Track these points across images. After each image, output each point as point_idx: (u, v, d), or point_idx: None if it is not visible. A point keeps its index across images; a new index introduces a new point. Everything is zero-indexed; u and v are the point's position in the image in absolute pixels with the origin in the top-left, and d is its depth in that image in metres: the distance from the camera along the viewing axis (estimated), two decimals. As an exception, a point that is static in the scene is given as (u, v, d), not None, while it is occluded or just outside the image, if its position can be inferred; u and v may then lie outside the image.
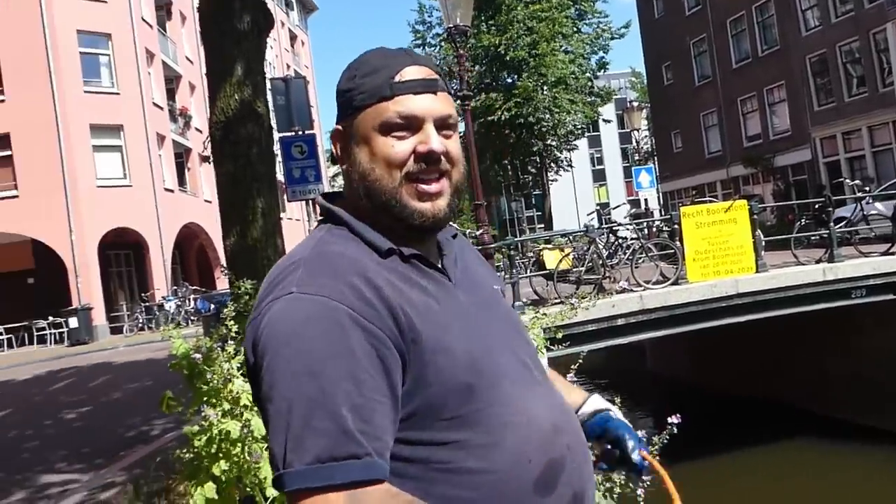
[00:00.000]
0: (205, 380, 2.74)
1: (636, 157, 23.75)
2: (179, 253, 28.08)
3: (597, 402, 1.33)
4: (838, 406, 11.20)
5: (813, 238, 11.47)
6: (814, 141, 25.70)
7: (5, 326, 21.89)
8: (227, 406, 2.77)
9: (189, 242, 28.73)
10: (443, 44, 28.06)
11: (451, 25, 9.42)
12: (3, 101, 22.32)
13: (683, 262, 9.51)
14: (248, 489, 2.79)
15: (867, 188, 12.93)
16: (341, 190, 1.19)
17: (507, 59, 28.64)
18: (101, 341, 20.64)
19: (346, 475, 0.93)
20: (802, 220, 11.57)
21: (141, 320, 21.29)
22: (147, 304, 22.44)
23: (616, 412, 1.31)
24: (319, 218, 1.18)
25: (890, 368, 10.49)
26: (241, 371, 2.89)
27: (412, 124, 1.08)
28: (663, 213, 25.72)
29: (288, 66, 44.52)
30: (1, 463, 6.36)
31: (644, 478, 1.26)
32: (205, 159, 5.36)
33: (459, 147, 1.13)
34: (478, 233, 9.66)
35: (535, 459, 1.05)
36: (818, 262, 10.22)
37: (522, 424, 1.06)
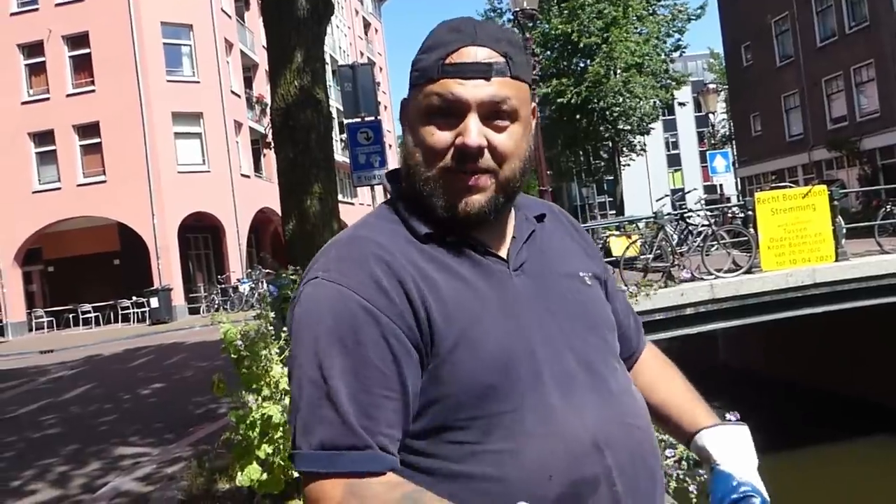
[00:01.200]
0: (247, 365, 2.81)
1: (712, 142, 23.01)
2: (255, 237, 28.92)
3: (709, 438, 1.09)
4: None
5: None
6: (905, 123, 24.32)
7: (93, 305, 23.15)
8: (267, 391, 2.83)
9: (264, 227, 29.54)
10: (514, 30, 27.80)
11: (517, 10, 9.33)
12: (93, 91, 23.43)
13: (757, 249, 9.18)
14: (292, 473, 2.85)
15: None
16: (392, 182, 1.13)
17: (580, 45, 28.17)
18: (180, 321, 21.52)
19: (347, 465, 0.92)
20: (888, 207, 10.98)
21: (217, 301, 22.06)
22: (223, 285, 23.22)
23: (729, 457, 1.06)
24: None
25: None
26: (280, 357, 2.95)
27: (456, 111, 0.99)
28: (740, 198, 24.87)
29: (361, 54, 45.02)
30: (80, 433, 6.74)
31: None
32: (268, 145, 5.47)
33: (519, 139, 1.02)
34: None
35: (559, 477, 0.95)
36: (903, 251, 9.71)
37: (551, 435, 0.96)
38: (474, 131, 0.98)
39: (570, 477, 0.95)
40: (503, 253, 1.06)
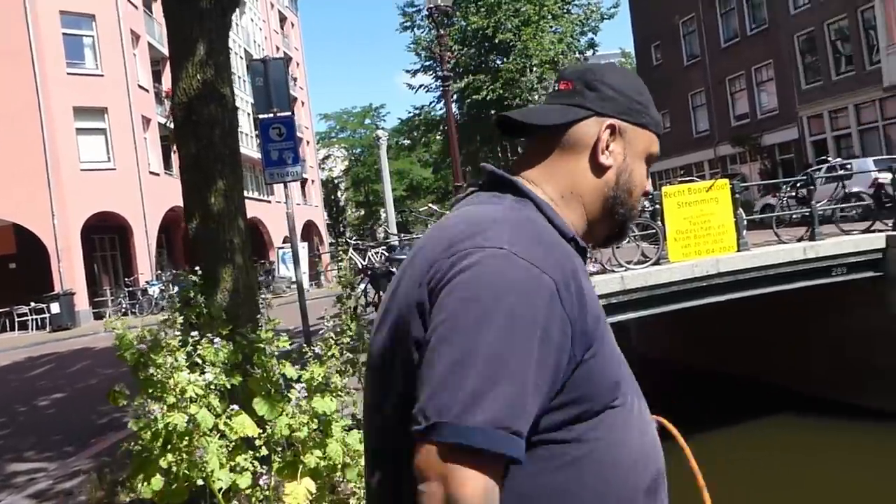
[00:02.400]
0: (148, 372, 2.67)
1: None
2: (166, 237, 27.91)
3: None
4: (820, 384, 11.24)
5: (794, 217, 11.46)
6: (801, 119, 25.66)
7: (-13, 312, 21.73)
8: (172, 399, 2.70)
9: (176, 226, 28.54)
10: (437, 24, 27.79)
11: (431, 6, 9.30)
12: (-18, 83, 22.03)
13: (665, 241, 9.49)
14: (197, 482, 2.74)
15: (848, 166, 12.91)
16: (512, 178, 1.13)
17: (496, 41, 28.45)
18: (84, 326, 20.52)
19: (510, 448, 0.90)
20: (784, 199, 11.55)
21: (124, 305, 21.16)
22: (131, 288, 22.30)
23: None
24: (474, 187, 1.17)
25: (871, 346, 10.53)
26: (187, 363, 2.83)
27: (650, 164, 1.21)
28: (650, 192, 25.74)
29: (277, 48, 44.11)
30: (-31, 451, 6.31)
31: None
32: (166, 140, 5.23)
33: None
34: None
35: (650, 466, 1.07)
36: (799, 240, 10.23)
37: (644, 431, 1.08)
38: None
39: (655, 466, 1.08)
40: None
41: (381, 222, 45.44)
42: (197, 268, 3.82)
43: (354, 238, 22.55)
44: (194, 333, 3.39)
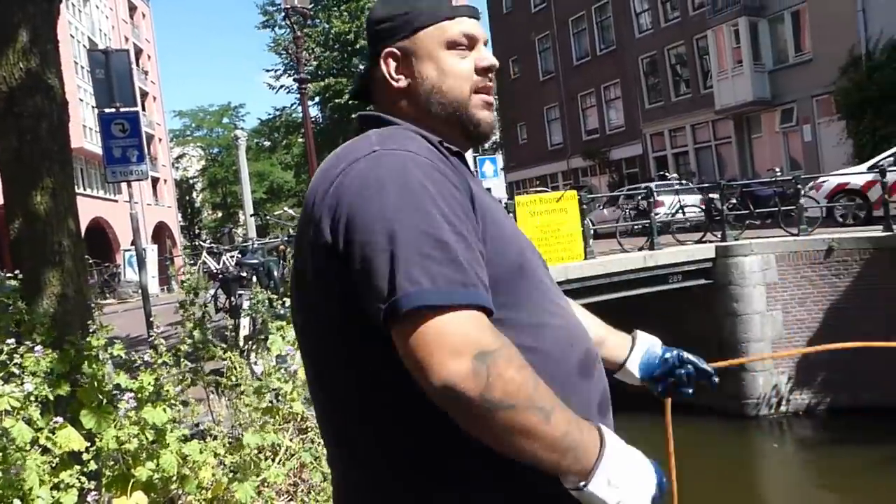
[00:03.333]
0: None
1: (483, 148, 24.28)
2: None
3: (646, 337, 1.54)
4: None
5: (636, 227, 12.23)
6: (644, 136, 27.44)
7: None
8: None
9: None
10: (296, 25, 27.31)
11: (288, 7, 9.13)
12: None
13: (517, 249, 9.82)
14: (13, 502, 2.52)
15: (683, 182, 13.95)
16: (377, 114, 1.20)
17: (358, 46, 28.39)
18: None
19: (464, 298, 0.92)
20: (627, 211, 12.30)
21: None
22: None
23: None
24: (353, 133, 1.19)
25: (702, 348, 11.36)
26: (1, 373, 2.59)
27: (471, 43, 1.19)
28: (503, 202, 26.57)
29: (126, 39, 41.67)
30: None
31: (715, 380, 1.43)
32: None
33: None
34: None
35: (576, 346, 1.10)
36: (640, 249, 10.92)
37: (560, 315, 1.11)
38: (491, 55, 1.22)
39: (582, 346, 1.12)
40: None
41: (234, 225, 43.95)
42: (17, 271, 3.53)
43: (209, 241, 21.64)
44: (11, 341, 3.13)
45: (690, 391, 1.41)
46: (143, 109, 41.37)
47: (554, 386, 0.98)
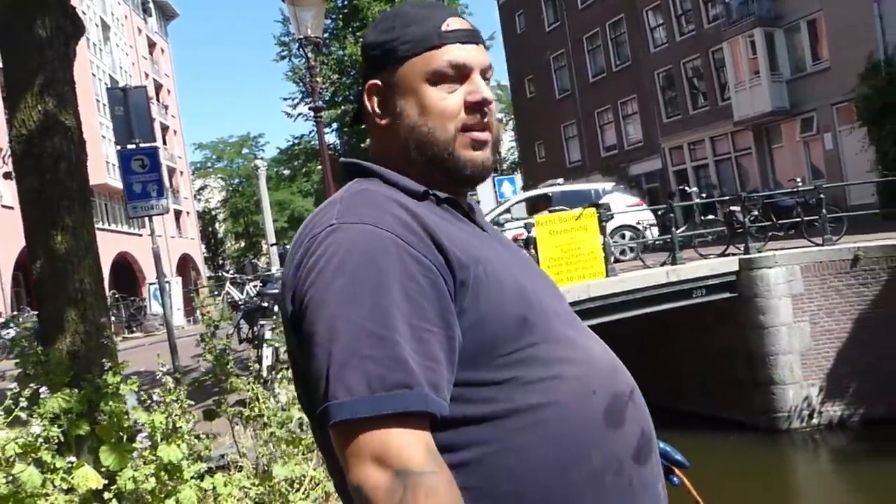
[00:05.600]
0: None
1: (502, 168, 24.34)
2: (23, 274, 25.99)
3: None
4: (691, 400, 11.82)
5: (658, 242, 12.12)
6: (663, 151, 27.32)
7: None
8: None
9: (35, 263, 26.66)
10: (310, 55, 27.65)
11: (301, 37, 9.24)
12: None
13: (538, 269, 9.77)
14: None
15: (703, 195, 13.83)
16: (356, 161, 1.13)
17: (373, 71, 28.71)
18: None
19: (397, 405, 0.86)
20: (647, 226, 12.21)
21: (-23, 349, 19.44)
22: (-16, 331, 20.54)
23: None
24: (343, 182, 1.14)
25: (729, 362, 11.22)
26: (8, 418, 2.61)
27: (461, 74, 1.06)
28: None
29: (146, 75, 42.49)
30: None
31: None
32: (7, 175, 4.91)
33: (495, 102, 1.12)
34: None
35: (600, 392, 1.01)
36: (663, 265, 10.82)
37: (580, 360, 1.02)
38: (485, 88, 1.07)
39: (609, 391, 1.02)
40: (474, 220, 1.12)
41: (257, 255, 44.27)
42: (39, 311, 3.57)
43: (233, 271, 21.85)
44: (13, 385, 3.13)
45: (676, 481, 1.27)
46: (165, 143, 42.04)
47: (575, 442, 0.96)
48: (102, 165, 30.79)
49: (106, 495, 3.06)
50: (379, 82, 1.09)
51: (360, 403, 0.86)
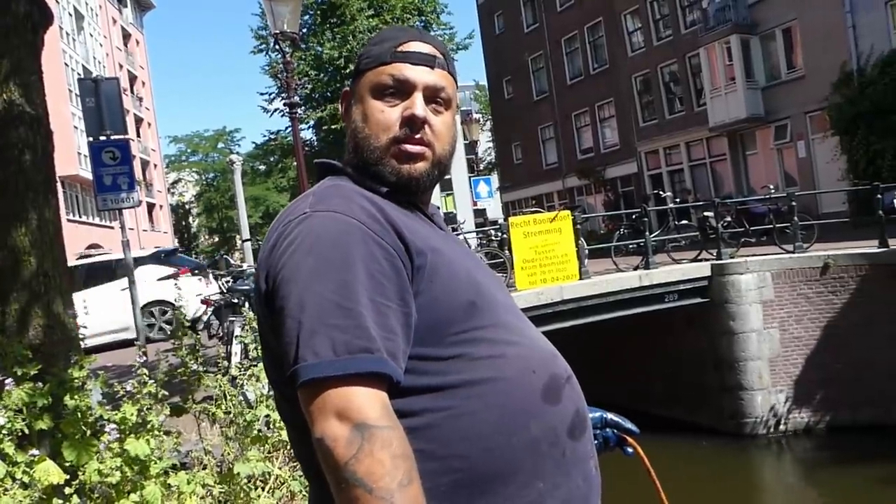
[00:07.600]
0: None
1: (479, 168, 24.34)
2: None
3: None
4: (660, 404, 11.89)
5: (631, 246, 12.19)
6: (639, 155, 27.51)
7: None
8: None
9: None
10: (286, 50, 27.35)
11: (277, 32, 9.14)
12: None
13: (512, 270, 9.78)
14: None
15: (678, 199, 13.94)
16: (329, 160, 1.24)
17: (347, 71, 28.49)
18: None
19: (359, 366, 0.96)
20: (622, 230, 12.27)
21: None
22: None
23: None
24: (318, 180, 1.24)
25: (699, 367, 11.32)
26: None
27: (403, 90, 1.16)
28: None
29: (121, 66, 41.91)
30: None
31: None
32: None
33: (449, 125, 1.20)
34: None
35: (539, 371, 1.13)
36: (636, 268, 10.88)
37: (523, 344, 1.14)
38: (420, 105, 1.16)
39: (547, 371, 1.14)
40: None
41: (230, 250, 43.83)
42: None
43: (206, 266, 21.53)
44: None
45: (630, 451, 1.40)
46: (138, 136, 41.50)
47: (516, 413, 1.07)
48: (74, 156, 30.29)
49: (67, 490, 2.99)
50: (348, 90, 1.24)
51: (327, 365, 0.96)
